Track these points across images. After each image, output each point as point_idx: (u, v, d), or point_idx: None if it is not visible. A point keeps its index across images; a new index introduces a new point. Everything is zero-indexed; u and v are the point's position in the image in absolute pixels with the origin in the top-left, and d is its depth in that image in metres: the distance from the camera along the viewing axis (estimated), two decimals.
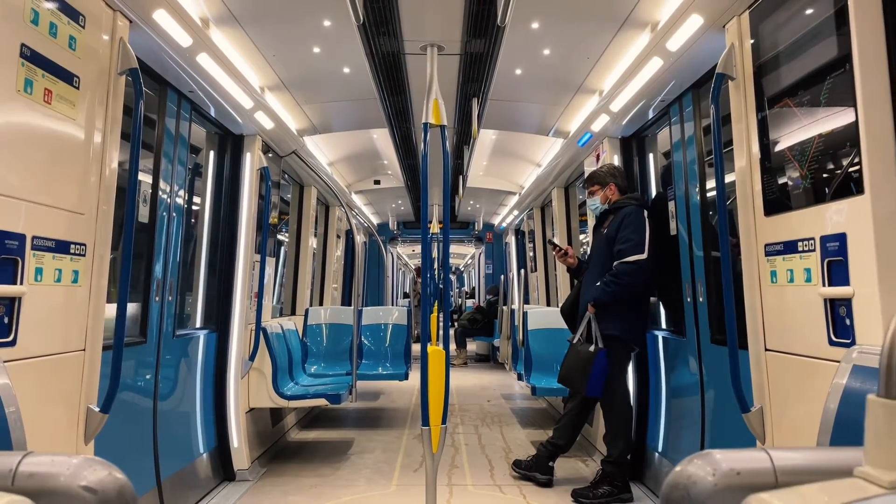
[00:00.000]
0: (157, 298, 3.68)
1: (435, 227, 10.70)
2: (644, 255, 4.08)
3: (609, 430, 4.29)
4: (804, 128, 2.36)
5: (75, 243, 2.56)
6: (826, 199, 2.24)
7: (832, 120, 2.21)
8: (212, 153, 4.77)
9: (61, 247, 2.48)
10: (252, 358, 4.85)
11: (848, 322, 2.13)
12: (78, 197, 2.58)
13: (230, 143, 4.83)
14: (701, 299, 3.71)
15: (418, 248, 18.00)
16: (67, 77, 2.49)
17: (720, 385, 3.50)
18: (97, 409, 2.68)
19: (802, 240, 2.36)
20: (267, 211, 4.99)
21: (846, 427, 1.96)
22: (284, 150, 5.51)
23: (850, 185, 2.11)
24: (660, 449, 4.33)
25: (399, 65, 4.60)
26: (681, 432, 4.07)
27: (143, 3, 2.90)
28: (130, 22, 2.90)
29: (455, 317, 14.15)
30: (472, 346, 12.73)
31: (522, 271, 7.83)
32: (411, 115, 5.84)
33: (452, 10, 3.82)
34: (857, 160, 2.08)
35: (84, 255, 2.62)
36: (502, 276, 9.92)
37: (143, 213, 3.65)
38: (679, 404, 4.13)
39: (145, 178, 3.67)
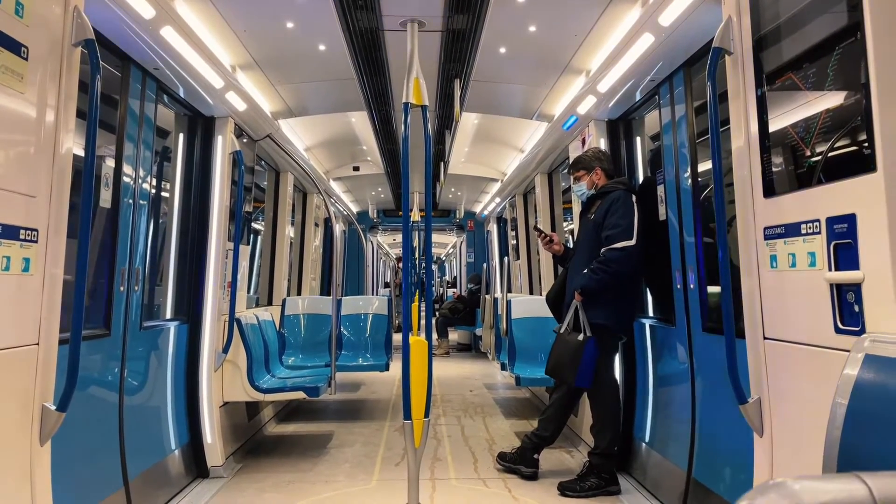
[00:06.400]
0: (121, 288, 3.47)
1: (416, 215, 10.53)
2: (633, 241, 3.96)
3: (596, 420, 4.18)
4: (809, 103, 2.22)
5: (26, 228, 2.36)
6: (833, 179, 2.11)
7: (841, 93, 2.07)
8: (181, 135, 4.54)
9: (10, 232, 2.28)
10: (226, 350, 4.65)
11: (857, 308, 2.00)
12: (28, 178, 2.38)
13: (201, 126, 4.60)
14: (692, 286, 3.59)
15: (399, 237, 17.78)
16: (14, 46, 2.28)
17: (712, 375, 3.39)
18: (53, 408, 2.49)
19: (806, 222, 2.23)
20: (240, 197, 4.77)
21: (859, 420, 1.83)
22: (258, 134, 5.29)
23: (861, 163, 1.97)
24: (647, 440, 4.23)
25: (378, 42, 4.39)
26: (669, 422, 3.97)
27: None
28: None
29: (436, 306, 14.03)
30: (453, 336, 12.64)
31: (506, 259, 7.70)
32: (391, 96, 5.64)
33: None
34: (868, 135, 1.94)
35: (36, 242, 2.42)
36: (484, 265, 9.78)
37: (106, 198, 3.44)
38: (668, 394, 4.02)
39: (109, 160, 3.45)
